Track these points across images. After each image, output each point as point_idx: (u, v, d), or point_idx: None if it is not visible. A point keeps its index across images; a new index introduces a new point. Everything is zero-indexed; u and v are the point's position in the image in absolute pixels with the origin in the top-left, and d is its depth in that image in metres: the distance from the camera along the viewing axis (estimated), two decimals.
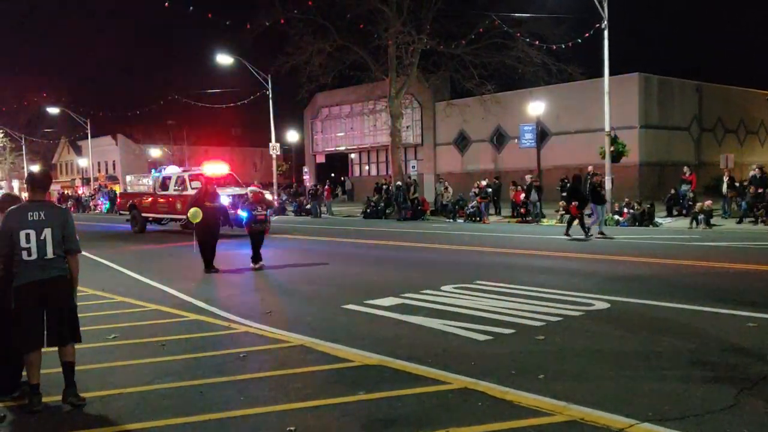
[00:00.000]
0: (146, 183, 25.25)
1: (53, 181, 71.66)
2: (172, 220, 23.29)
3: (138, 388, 5.63)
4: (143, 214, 24.09)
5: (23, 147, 62.15)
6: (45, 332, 5.24)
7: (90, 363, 6.25)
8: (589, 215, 18.08)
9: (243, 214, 13.75)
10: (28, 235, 5.16)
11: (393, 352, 6.46)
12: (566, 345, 6.71)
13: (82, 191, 58.47)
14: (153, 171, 25.69)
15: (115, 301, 9.98)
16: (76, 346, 5.51)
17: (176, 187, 22.48)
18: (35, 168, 5.97)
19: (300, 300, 9.87)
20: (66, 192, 61.01)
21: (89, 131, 52.20)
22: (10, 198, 5.91)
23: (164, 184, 23.27)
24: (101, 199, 48.10)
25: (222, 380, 5.78)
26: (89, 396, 5.46)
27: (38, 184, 5.45)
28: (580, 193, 18.10)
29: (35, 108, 57.90)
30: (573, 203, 17.72)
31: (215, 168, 21.28)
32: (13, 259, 5.18)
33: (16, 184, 69.55)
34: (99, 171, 65.06)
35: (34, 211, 5.23)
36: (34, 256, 5.16)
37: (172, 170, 24.32)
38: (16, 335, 5.23)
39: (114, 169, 66.30)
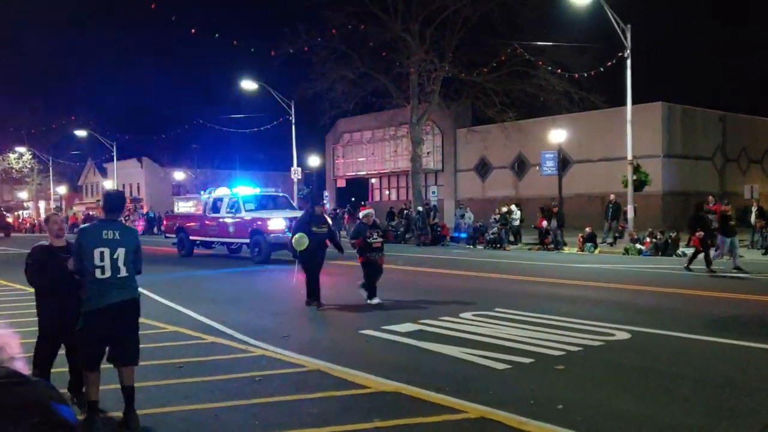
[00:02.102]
0: (192, 205, 24.12)
1: (81, 202, 72.86)
2: (223, 244, 22.31)
3: (154, 409, 5.63)
4: (191, 237, 22.75)
5: (50, 168, 63.26)
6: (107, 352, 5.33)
7: (106, 383, 6.25)
8: (716, 248, 16.40)
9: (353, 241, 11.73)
10: (102, 254, 5.17)
11: (410, 379, 6.40)
12: (586, 375, 6.60)
13: None
14: (202, 192, 24.34)
15: None
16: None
17: (229, 210, 21.09)
18: (109, 188, 6.13)
19: (317, 324, 9.84)
20: (91, 213, 61.84)
21: (115, 154, 53.03)
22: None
23: (215, 206, 21.90)
24: (141, 217, 47.81)
25: (237, 404, 5.76)
26: (104, 417, 5.47)
27: (113, 204, 5.51)
28: (704, 222, 16.27)
29: (63, 131, 59.02)
30: (697, 234, 15.90)
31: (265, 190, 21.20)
32: (83, 278, 5.22)
33: (42, 205, 70.80)
34: (125, 193, 65.96)
35: (108, 229, 5.27)
36: (108, 274, 5.17)
37: (222, 192, 22.82)
38: (80, 353, 5.36)
39: (138, 191, 67.17)
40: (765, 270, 16.18)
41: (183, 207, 25.31)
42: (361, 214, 11.82)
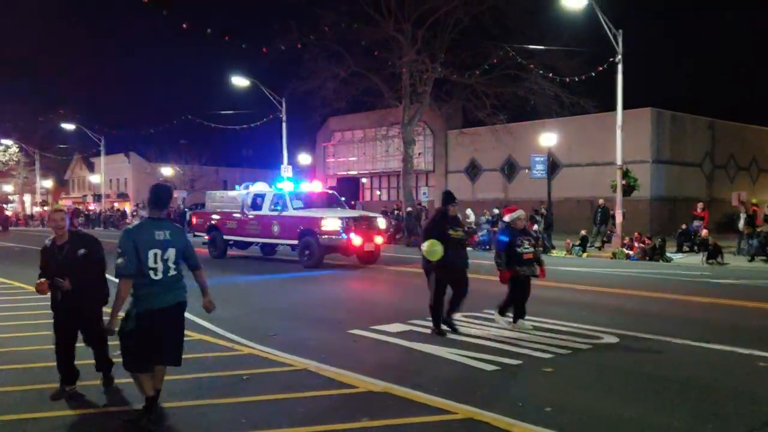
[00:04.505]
0: (226, 201, 21.52)
1: (67, 196, 72.33)
2: (266, 244, 20.43)
3: (140, 406, 5.58)
4: (225, 237, 20.51)
5: (36, 162, 62.70)
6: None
7: (94, 380, 6.22)
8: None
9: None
10: (156, 255, 5.05)
11: (398, 379, 6.40)
12: (574, 378, 6.62)
13: (93, 207, 58.76)
14: (237, 187, 22.18)
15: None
16: (86, 362, 5.60)
17: (273, 207, 19.02)
18: (159, 183, 5.79)
19: (306, 323, 9.81)
20: (78, 208, 61.39)
21: (102, 148, 52.65)
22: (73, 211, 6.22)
23: (255, 203, 19.82)
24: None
25: (225, 401, 5.73)
26: (92, 412, 5.44)
27: (163, 201, 5.34)
28: None
29: (50, 124, 58.53)
30: None
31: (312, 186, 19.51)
32: (136, 279, 5.05)
33: (27, 198, 70.21)
34: (111, 188, 65.47)
35: (160, 230, 5.14)
36: (160, 275, 5.07)
37: (261, 187, 20.98)
38: (128, 355, 5.14)
39: (126, 186, 66.73)
40: (751, 276, 16.33)
41: (220, 204, 21.76)
42: (507, 217, 9.23)
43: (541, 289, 13.63)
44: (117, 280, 5.04)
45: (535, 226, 24.58)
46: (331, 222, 17.31)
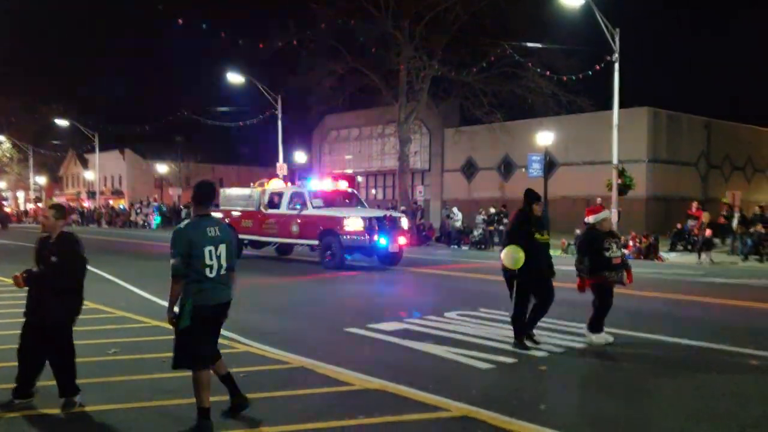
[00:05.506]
0: (240, 198, 20.51)
1: (61, 193, 72.07)
2: (283, 244, 19.82)
3: (137, 403, 5.60)
4: (240, 236, 19.13)
5: (30, 158, 62.46)
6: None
7: (89, 377, 6.21)
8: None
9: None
10: (210, 252, 5.05)
11: (394, 377, 6.41)
12: (569, 376, 6.65)
13: (87, 204, 58.62)
14: (252, 185, 21.44)
15: (116, 316, 9.95)
16: (76, 360, 5.54)
17: (292, 206, 18.35)
18: (203, 180, 5.58)
19: (302, 321, 9.82)
20: (71, 204, 61.21)
21: (97, 145, 52.48)
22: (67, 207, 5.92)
23: (272, 201, 19.12)
24: (156, 212, 45.72)
25: (221, 399, 5.72)
26: (88, 410, 5.44)
27: (210, 197, 5.39)
28: None
29: (44, 120, 58.30)
30: None
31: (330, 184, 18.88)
32: (189, 277, 5.03)
33: (21, 195, 69.96)
34: (105, 185, 65.31)
35: (210, 227, 5.15)
36: (215, 273, 5.08)
37: (277, 184, 20.56)
38: (186, 351, 5.08)
39: (120, 183, 66.55)
40: (744, 275, 16.39)
41: (233, 202, 20.53)
42: (591, 218, 8.25)
43: None
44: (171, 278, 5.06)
45: None
46: (354, 221, 16.69)
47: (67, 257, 5.51)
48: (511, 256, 7.55)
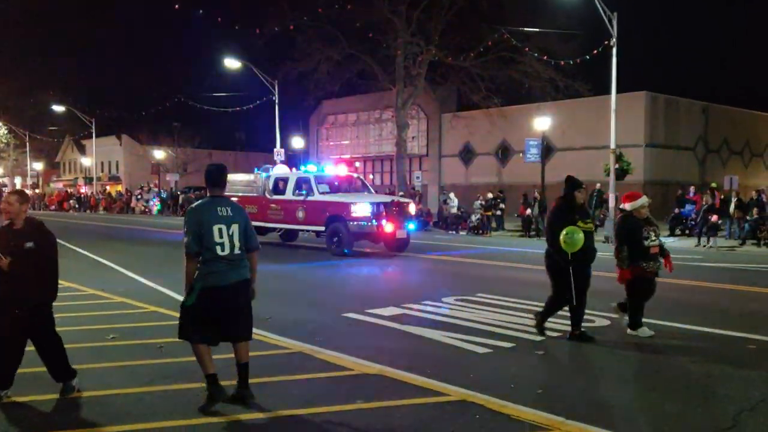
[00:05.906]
0: (243, 184, 20.20)
1: (59, 179, 71.83)
2: (288, 231, 19.45)
3: (135, 389, 5.62)
4: None
5: (27, 144, 62.20)
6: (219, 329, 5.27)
7: (87, 363, 6.23)
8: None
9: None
10: (220, 230, 5.17)
11: (392, 361, 6.44)
12: (566, 361, 6.69)
13: (84, 190, 58.44)
14: (256, 170, 20.98)
15: (115, 302, 9.96)
16: (74, 346, 5.51)
17: (298, 191, 17.97)
18: (213, 163, 5.55)
19: (300, 306, 9.84)
20: (69, 191, 61.06)
21: (94, 131, 52.27)
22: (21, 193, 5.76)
23: (277, 186, 18.95)
24: (153, 199, 45.55)
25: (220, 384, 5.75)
26: (85, 396, 5.45)
27: (218, 179, 5.44)
28: None
29: (41, 106, 57.98)
30: None
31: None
32: (202, 255, 5.16)
33: (18, 180, 69.71)
34: (102, 171, 65.08)
35: (221, 206, 5.27)
36: (227, 251, 5.17)
37: (282, 170, 20.39)
38: (187, 326, 5.22)
39: (117, 169, 66.31)
40: (742, 260, 16.44)
41: (236, 188, 19.70)
42: (628, 206, 7.86)
43: (534, 272, 13.72)
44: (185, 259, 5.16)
45: (529, 210, 24.70)
46: (361, 207, 16.46)
47: (42, 240, 5.49)
48: (571, 237, 7.18)
